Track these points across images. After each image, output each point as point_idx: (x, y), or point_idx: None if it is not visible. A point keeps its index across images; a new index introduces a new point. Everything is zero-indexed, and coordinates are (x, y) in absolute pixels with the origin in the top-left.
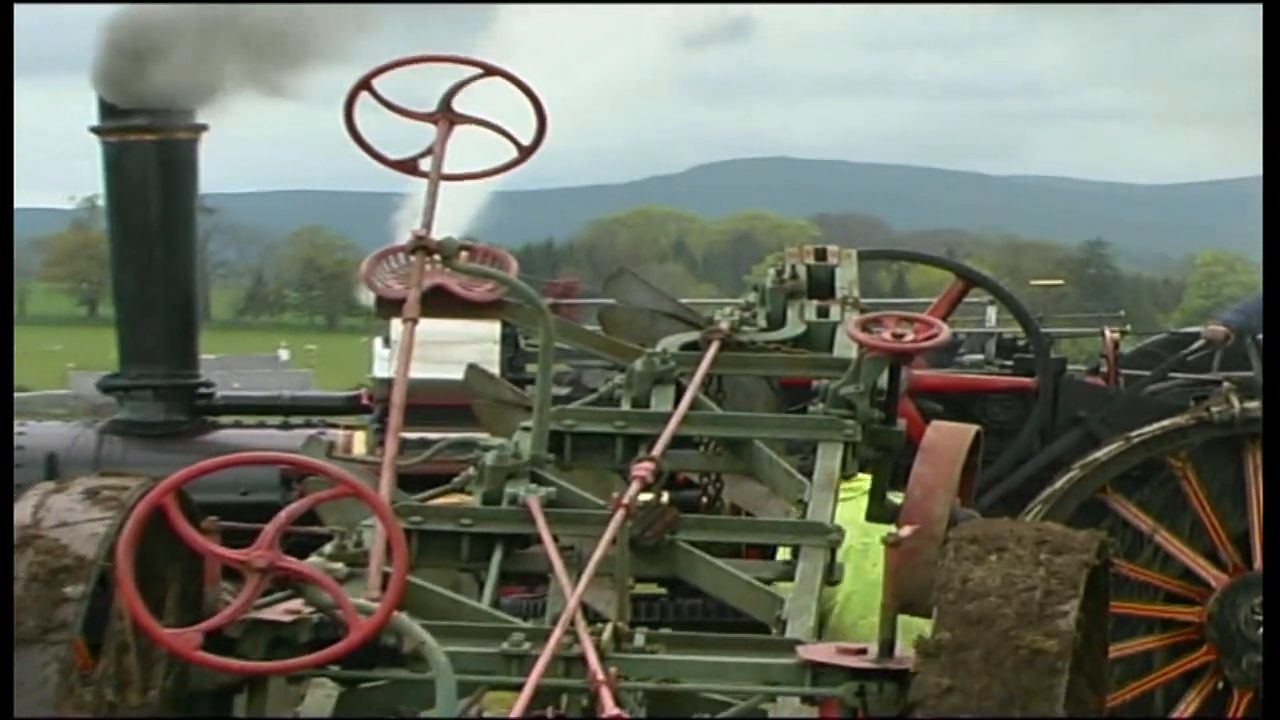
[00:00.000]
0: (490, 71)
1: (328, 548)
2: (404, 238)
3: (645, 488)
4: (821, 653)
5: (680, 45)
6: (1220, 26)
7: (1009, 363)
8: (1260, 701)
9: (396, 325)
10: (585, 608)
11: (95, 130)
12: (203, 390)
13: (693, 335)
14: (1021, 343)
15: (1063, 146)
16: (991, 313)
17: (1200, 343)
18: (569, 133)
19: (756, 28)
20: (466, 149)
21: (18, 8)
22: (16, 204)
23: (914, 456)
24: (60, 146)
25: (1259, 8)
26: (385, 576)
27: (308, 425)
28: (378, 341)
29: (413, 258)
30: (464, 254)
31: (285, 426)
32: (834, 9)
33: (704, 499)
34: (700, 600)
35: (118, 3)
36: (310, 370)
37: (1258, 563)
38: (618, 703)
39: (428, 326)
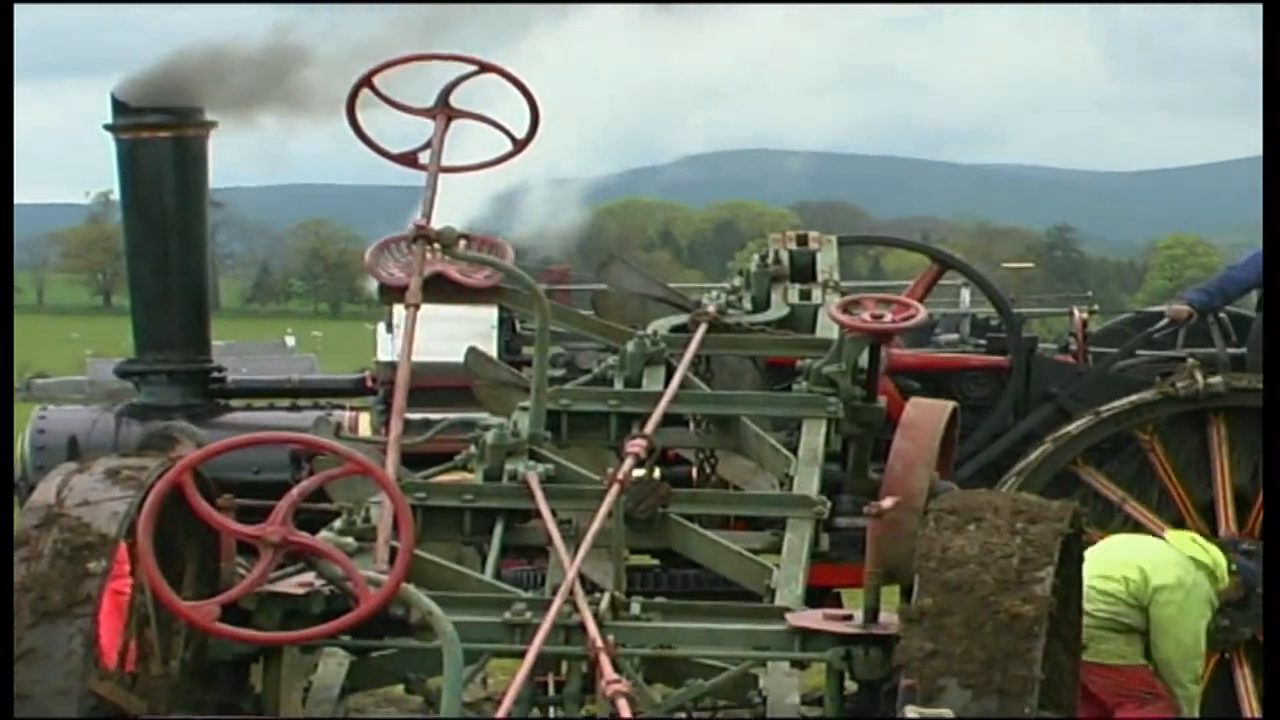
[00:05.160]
0: (485, 68)
1: (337, 523)
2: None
3: (639, 463)
4: (809, 619)
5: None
6: (1199, 22)
7: (983, 342)
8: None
9: (399, 311)
10: (583, 578)
11: (109, 128)
12: (215, 374)
13: (682, 318)
14: (995, 323)
15: (1033, 136)
16: (965, 295)
17: (1165, 321)
18: (562, 127)
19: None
20: (464, 144)
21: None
22: (35, 200)
23: (894, 432)
24: (74, 144)
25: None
26: (393, 550)
27: (315, 407)
28: (381, 327)
29: (414, 246)
30: (463, 242)
31: (294, 408)
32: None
33: (695, 474)
34: (693, 570)
35: (116, 2)
36: (314, 356)
37: (1222, 530)
38: (616, 669)
39: (428, 309)
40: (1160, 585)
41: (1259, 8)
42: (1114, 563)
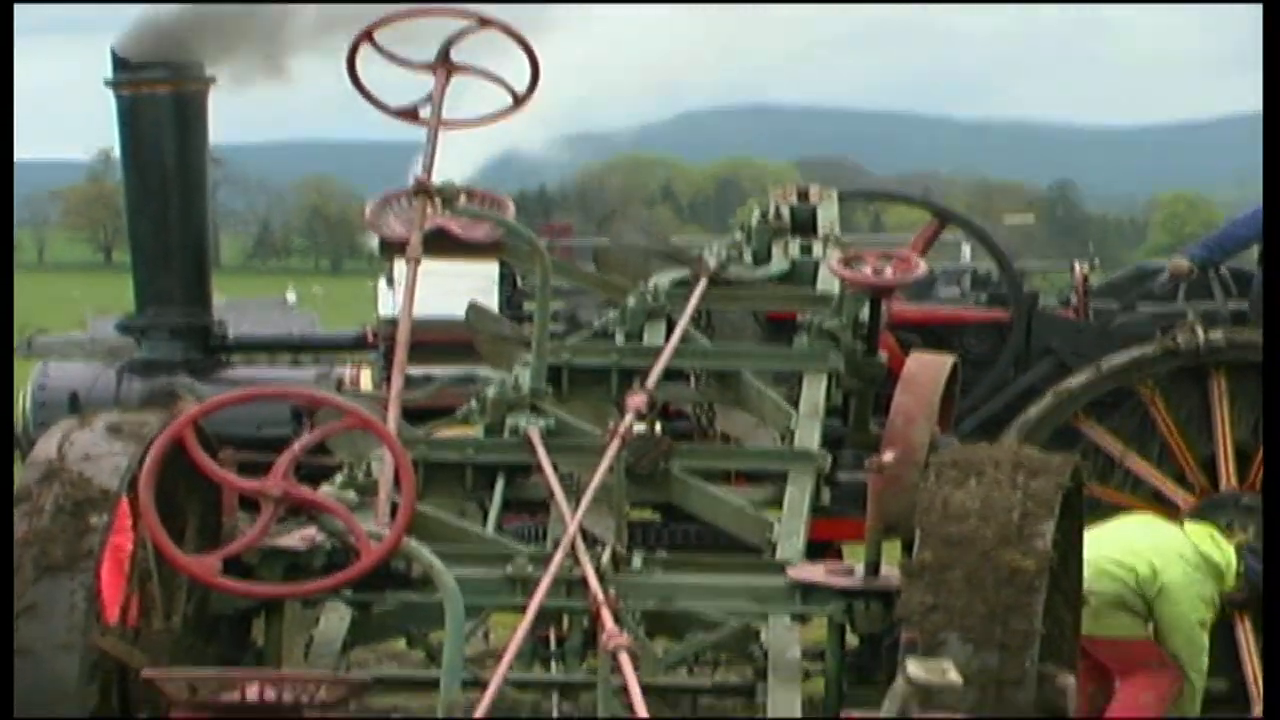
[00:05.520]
0: (485, 23)
1: (339, 477)
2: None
3: (640, 418)
4: (810, 573)
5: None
6: None
7: (984, 296)
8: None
9: (400, 266)
10: (584, 533)
11: (110, 84)
12: (216, 330)
13: (682, 273)
14: (995, 277)
15: (1033, 91)
16: (966, 250)
17: (1165, 276)
18: (565, 83)
19: None
20: (464, 99)
21: None
22: (35, 157)
23: (895, 386)
24: (75, 100)
25: None
26: (394, 505)
27: (316, 363)
28: (382, 282)
29: (415, 201)
30: (463, 198)
31: (295, 364)
32: None
33: (696, 428)
34: (694, 525)
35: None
36: (316, 312)
37: (1223, 484)
38: (617, 623)
39: (429, 265)
40: (1166, 583)
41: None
42: (1126, 548)
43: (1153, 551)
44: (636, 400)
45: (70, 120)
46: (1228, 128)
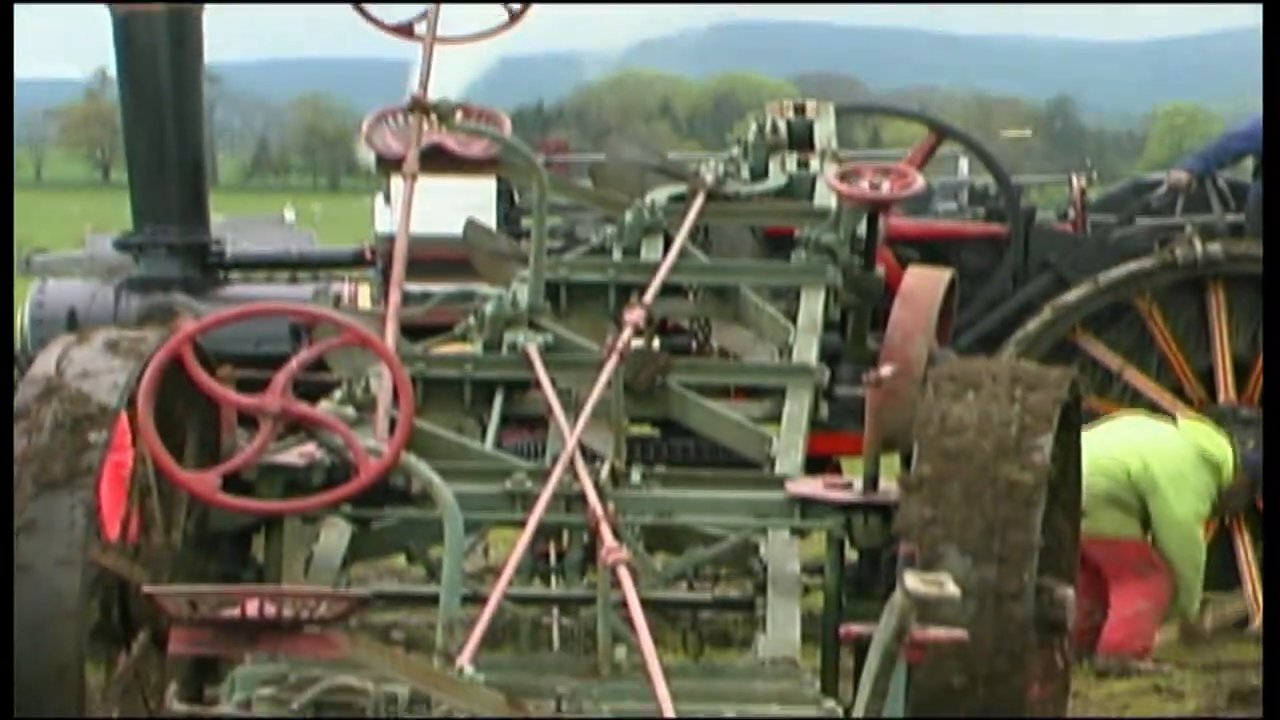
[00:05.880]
0: None
1: (337, 393)
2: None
3: (637, 333)
4: (809, 487)
5: None
6: None
7: (981, 211)
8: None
9: (397, 183)
10: (583, 448)
11: (106, 1)
12: (214, 248)
13: (680, 188)
14: (993, 192)
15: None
16: (963, 164)
17: (1163, 189)
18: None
19: None
20: (460, 15)
21: None
22: (32, 76)
23: (893, 301)
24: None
25: None
26: (392, 421)
27: (314, 280)
28: (379, 199)
29: (410, 118)
30: (460, 114)
31: (293, 281)
32: None
33: (694, 344)
34: (692, 440)
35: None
36: (314, 230)
37: (1221, 397)
38: (616, 537)
39: (426, 182)
40: (1158, 477)
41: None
42: (1120, 445)
43: (1145, 448)
44: (634, 316)
45: (67, 38)
46: (1227, 41)
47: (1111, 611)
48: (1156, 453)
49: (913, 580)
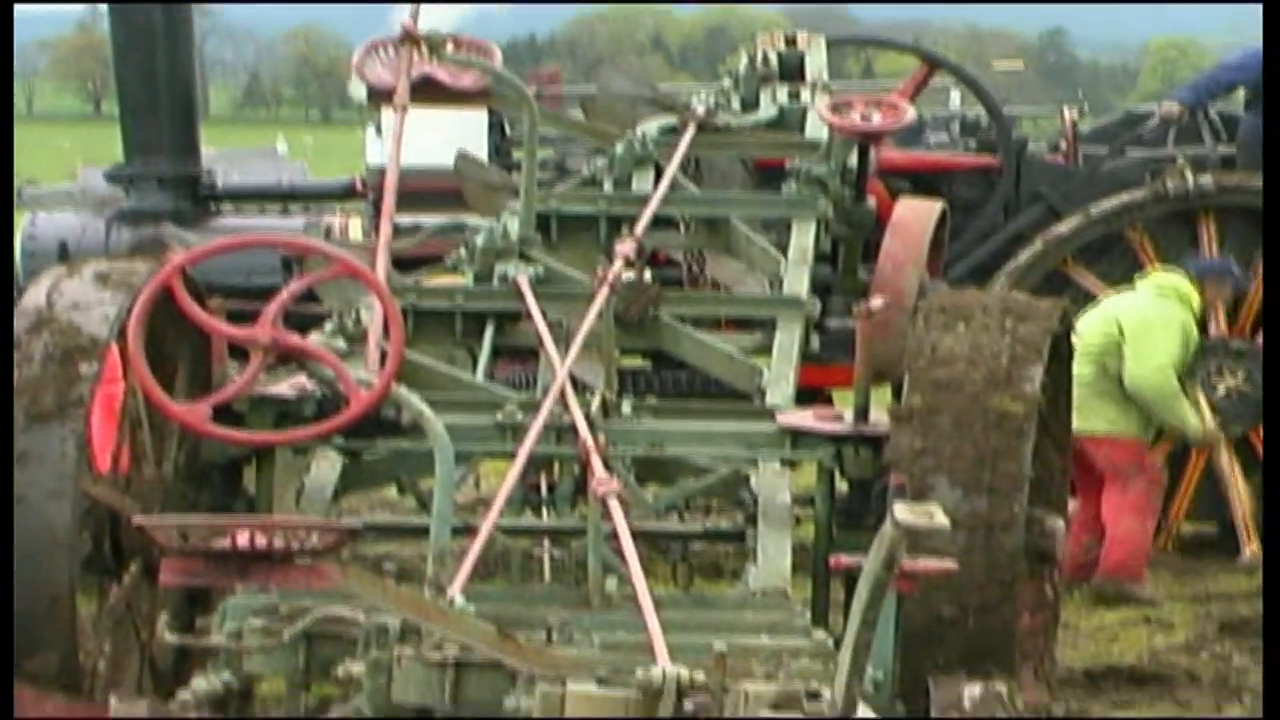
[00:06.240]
0: None
1: (328, 325)
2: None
3: (628, 265)
4: (800, 419)
5: None
6: None
7: (973, 143)
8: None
9: (388, 115)
10: (574, 380)
11: None
12: (205, 180)
13: (671, 120)
14: (985, 124)
15: None
16: (955, 96)
17: (1155, 121)
18: None
19: None
20: None
21: None
22: (23, 7)
23: (884, 232)
24: None
25: None
26: (383, 353)
27: (305, 212)
28: (370, 131)
29: (401, 49)
30: (450, 45)
31: (284, 213)
32: None
33: (685, 275)
34: (683, 372)
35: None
36: (306, 162)
37: (1213, 329)
38: (607, 469)
39: (417, 113)
40: (1128, 326)
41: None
42: (1096, 320)
43: (1117, 310)
44: (625, 247)
45: None
46: None
47: (1115, 532)
48: (1123, 309)
49: (903, 511)
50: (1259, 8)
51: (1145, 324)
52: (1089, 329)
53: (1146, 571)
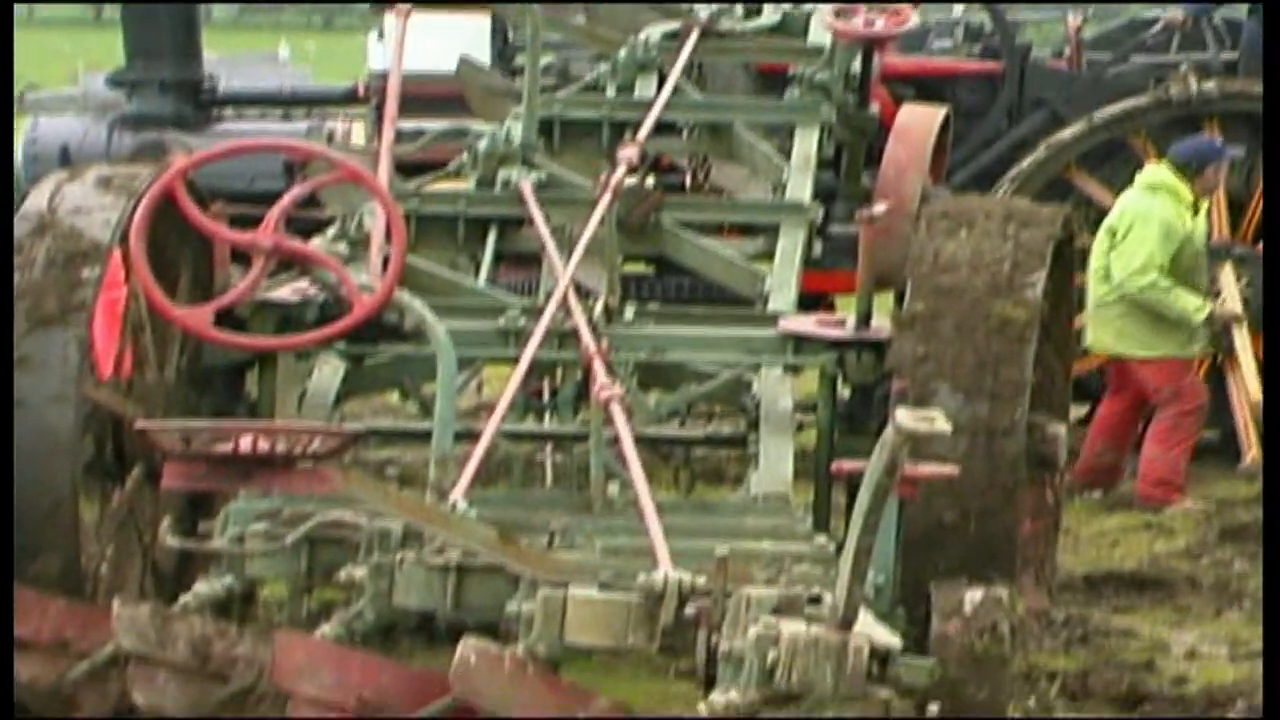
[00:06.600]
0: None
1: (330, 231)
2: None
3: (631, 170)
4: (802, 324)
5: None
6: None
7: (976, 48)
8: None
9: (390, 20)
10: (576, 285)
11: None
12: (207, 85)
13: (674, 25)
14: (988, 29)
15: None
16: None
17: (1159, 27)
18: None
19: None
20: None
21: None
22: None
23: (887, 139)
24: None
25: None
26: (385, 258)
27: (308, 117)
28: (373, 36)
29: None
30: None
31: (286, 119)
32: None
33: (687, 181)
34: (686, 278)
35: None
36: (309, 68)
37: (1215, 235)
38: (610, 374)
39: (420, 18)
40: (1119, 224)
41: None
42: (1100, 239)
43: (1109, 220)
44: (628, 153)
45: None
46: None
47: (1141, 460)
48: (1113, 217)
49: (904, 416)
50: None
51: (1126, 226)
52: (1097, 249)
53: (1178, 495)
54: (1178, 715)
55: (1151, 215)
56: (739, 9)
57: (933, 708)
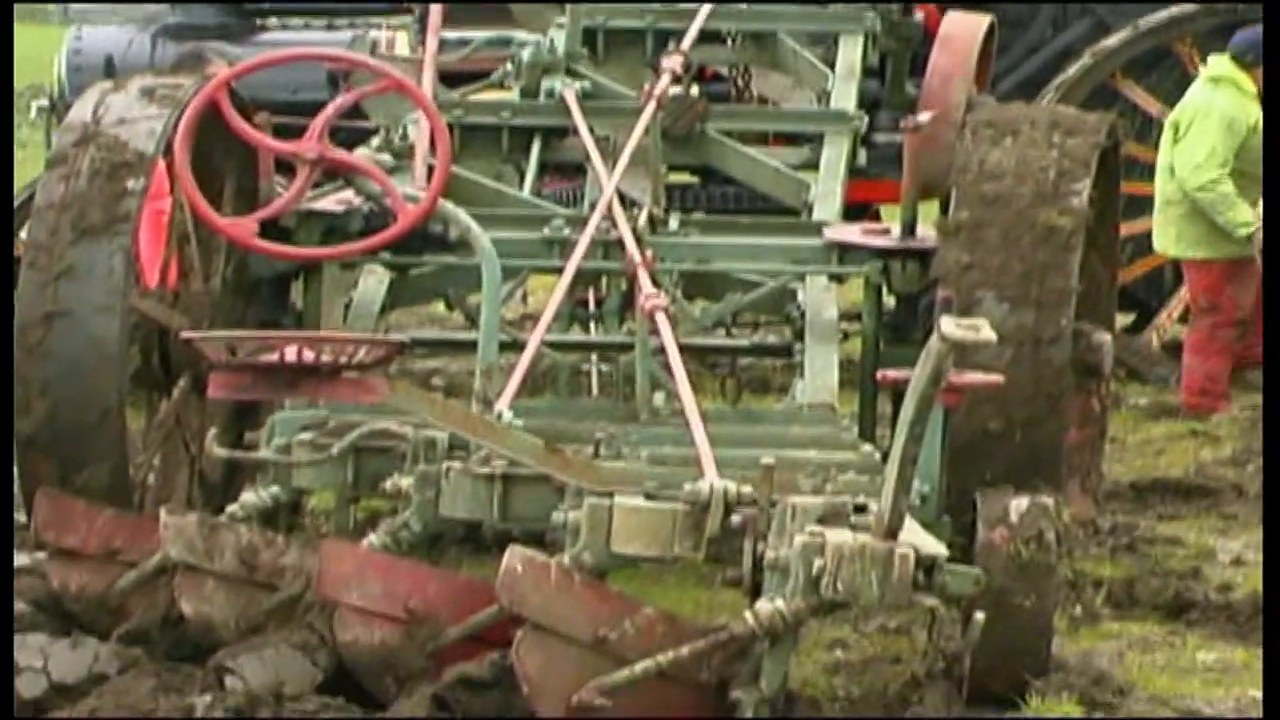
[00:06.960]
0: None
1: (374, 141)
2: None
3: (675, 80)
4: (847, 233)
5: None
6: None
7: None
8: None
9: None
10: (621, 196)
11: None
12: None
13: None
14: None
15: None
16: None
17: None
18: None
19: None
20: None
21: None
22: None
23: (932, 47)
24: None
25: None
26: (430, 168)
27: (351, 26)
28: None
29: None
30: None
31: (330, 28)
32: None
33: (732, 90)
34: (731, 187)
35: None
36: None
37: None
38: (654, 284)
39: None
40: (1181, 119)
41: None
42: (1166, 133)
43: (1173, 115)
44: (672, 62)
45: None
46: None
47: (1185, 372)
48: (1175, 113)
49: (949, 325)
50: None
51: (1188, 121)
52: (1163, 145)
53: (1222, 403)
54: (1223, 622)
55: (1212, 108)
56: None
57: (979, 616)
